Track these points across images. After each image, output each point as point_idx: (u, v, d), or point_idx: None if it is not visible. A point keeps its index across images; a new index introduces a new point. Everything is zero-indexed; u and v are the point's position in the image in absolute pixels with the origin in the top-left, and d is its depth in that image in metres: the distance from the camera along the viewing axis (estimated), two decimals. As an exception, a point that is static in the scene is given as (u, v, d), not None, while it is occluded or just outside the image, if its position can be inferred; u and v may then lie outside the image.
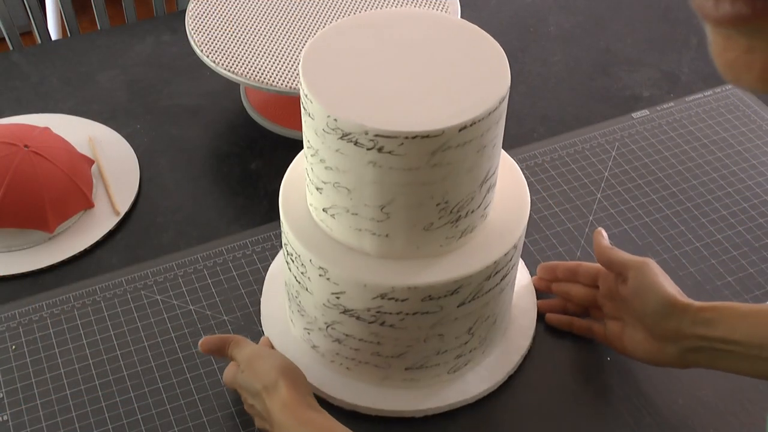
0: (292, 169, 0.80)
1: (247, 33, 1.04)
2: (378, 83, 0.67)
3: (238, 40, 1.03)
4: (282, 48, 1.02)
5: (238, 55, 1.01)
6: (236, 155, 1.07)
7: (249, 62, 1.00)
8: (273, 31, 1.04)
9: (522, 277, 0.89)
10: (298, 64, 1.00)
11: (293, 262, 0.76)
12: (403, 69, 0.68)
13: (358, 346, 0.77)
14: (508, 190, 0.77)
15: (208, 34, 1.04)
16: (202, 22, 1.05)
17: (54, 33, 1.75)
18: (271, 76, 0.98)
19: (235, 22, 1.06)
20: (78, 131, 1.07)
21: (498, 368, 0.83)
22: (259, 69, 0.99)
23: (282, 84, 0.98)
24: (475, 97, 0.65)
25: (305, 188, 0.76)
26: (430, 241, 0.71)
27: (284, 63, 1.00)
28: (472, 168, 0.67)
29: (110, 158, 1.04)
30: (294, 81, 0.98)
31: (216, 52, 1.01)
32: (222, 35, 1.04)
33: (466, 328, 0.76)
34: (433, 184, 0.66)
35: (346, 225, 0.71)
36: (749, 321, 0.72)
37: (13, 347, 0.86)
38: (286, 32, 1.04)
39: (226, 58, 1.01)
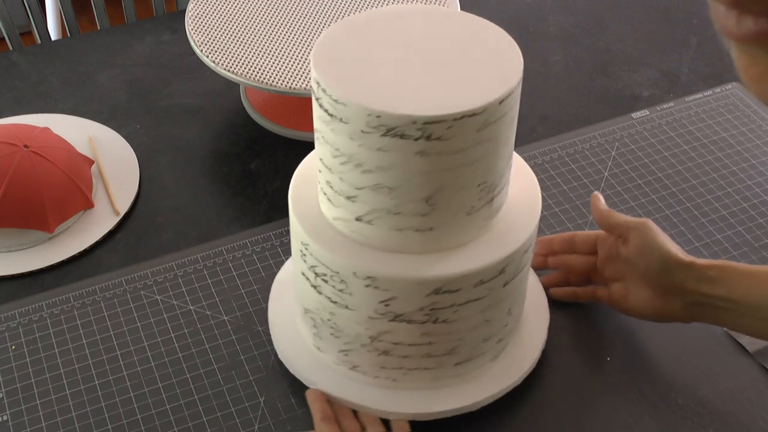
0: (296, 190, 0.77)
1: (247, 33, 1.04)
2: (401, 76, 0.67)
3: (238, 40, 1.03)
4: (282, 48, 1.02)
5: (238, 55, 1.01)
6: (236, 155, 1.07)
7: (249, 62, 1.00)
8: (273, 31, 1.04)
9: None
10: (298, 64, 1.00)
11: (326, 282, 0.74)
12: (419, 59, 0.68)
13: (408, 353, 0.76)
14: (514, 168, 0.79)
15: (208, 34, 1.04)
16: (202, 22, 1.06)
17: (54, 33, 1.75)
18: (271, 76, 0.98)
19: (235, 22, 1.06)
20: (78, 131, 1.07)
21: (531, 346, 0.83)
22: (259, 69, 0.99)
23: (282, 84, 0.98)
24: (500, 72, 0.67)
25: (318, 206, 0.75)
26: (471, 226, 0.72)
27: (284, 63, 1.00)
28: (507, 141, 0.70)
29: (110, 158, 1.04)
30: (294, 81, 0.98)
31: (216, 52, 1.01)
32: (222, 35, 1.04)
33: (507, 309, 0.77)
34: (477, 162, 0.67)
35: (386, 228, 0.70)
36: (749, 281, 0.74)
37: (13, 347, 0.86)
38: (286, 32, 1.04)
39: (226, 58, 1.01)
